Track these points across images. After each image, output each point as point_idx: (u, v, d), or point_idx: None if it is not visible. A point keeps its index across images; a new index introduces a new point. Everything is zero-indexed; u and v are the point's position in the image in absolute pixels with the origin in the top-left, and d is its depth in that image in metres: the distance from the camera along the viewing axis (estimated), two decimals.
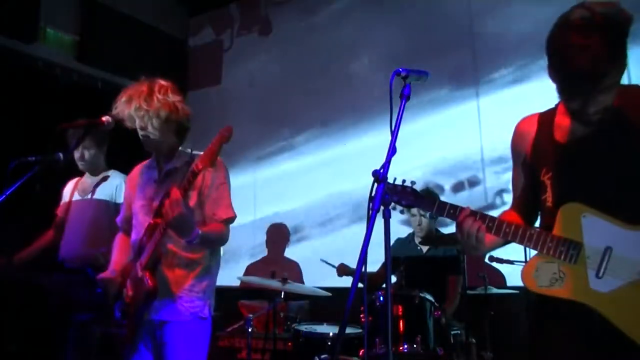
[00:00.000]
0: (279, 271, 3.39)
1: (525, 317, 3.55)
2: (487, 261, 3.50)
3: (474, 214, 1.65)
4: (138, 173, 2.45)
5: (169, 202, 1.95)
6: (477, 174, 4.23)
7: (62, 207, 3.17)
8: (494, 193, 4.17)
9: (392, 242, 1.72)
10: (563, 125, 1.64)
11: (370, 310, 2.84)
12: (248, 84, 5.62)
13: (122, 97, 2.21)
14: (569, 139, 1.63)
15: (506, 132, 1.85)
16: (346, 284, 3.78)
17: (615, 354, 1.48)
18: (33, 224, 3.24)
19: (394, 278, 3.18)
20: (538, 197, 1.68)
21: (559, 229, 1.57)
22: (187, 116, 2.30)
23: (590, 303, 1.49)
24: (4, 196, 2.19)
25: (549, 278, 1.55)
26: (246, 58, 5.71)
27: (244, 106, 5.60)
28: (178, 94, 2.29)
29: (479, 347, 3.26)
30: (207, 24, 6.10)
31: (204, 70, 6.00)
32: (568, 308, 1.53)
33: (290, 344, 3.48)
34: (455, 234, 1.72)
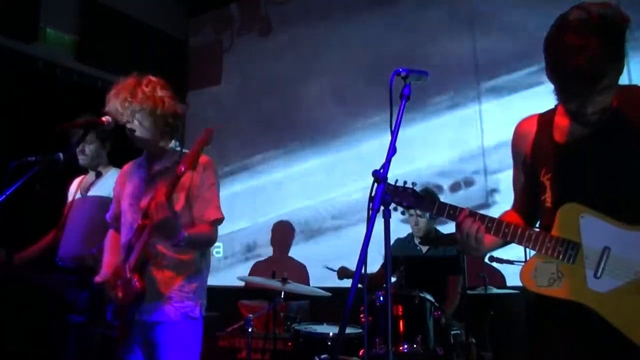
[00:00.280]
0: (281, 272, 3.38)
1: (525, 317, 3.55)
2: (487, 261, 3.50)
3: (473, 214, 1.65)
4: (128, 170, 2.42)
5: (153, 206, 1.94)
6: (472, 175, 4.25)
7: (67, 206, 3.16)
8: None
9: (391, 242, 1.71)
10: (562, 126, 1.65)
11: (370, 310, 2.83)
12: (248, 84, 5.61)
13: (111, 91, 2.22)
14: (568, 140, 1.63)
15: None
16: (346, 284, 3.78)
17: (613, 354, 1.49)
18: (33, 224, 3.23)
19: (393, 278, 3.18)
20: (538, 198, 1.68)
21: (557, 229, 1.57)
22: (174, 112, 2.26)
23: (588, 303, 1.50)
24: (4, 196, 2.19)
25: (547, 278, 1.56)
26: (246, 58, 5.70)
27: (243, 106, 5.59)
28: (168, 90, 2.26)
29: (479, 347, 3.26)
30: (207, 24, 6.10)
31: (204, 70, 6.00)
32: (566, 308, 1.53)
33: (290, 344, 3.48)
34: (454, 234, 1.72)
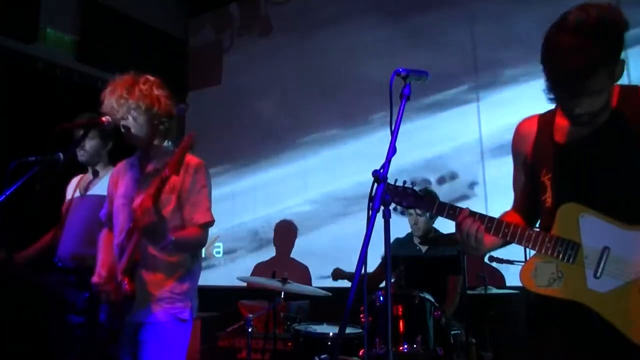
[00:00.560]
0: (281, 272, 3.38)
1: (525, 317, 3.55)
2: (487, 261, 3.50)
3: (473, 214, 1.65)
4: (121, 169, 2.41)
5: (139, 211, 1.94)
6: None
7: (65, 205, 3.14)
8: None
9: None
10: (563, 126, 1.65)
11: (370, 310, 2.83)
12: (248, 84, 5.61)
13: (107, 88, 2.22)
14: (568, 140, 1.63)
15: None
16: (346, 284, 3.78)
17: (613, 354, 1.48)
18: (33, 224, 3.22)
19: (393, 278, 3.18)
20: (538, 198, 1.68)
21: (557, 229, 1.57)
22: (169, 112, 2.26)
23: (588, 303, 1.50)
24: (4, 196, 2.19)
25: (547, 278, 1.56)
26: (246, 58, 5.70)
27: (243, 106, 5.60)
28: (164, 90, 2.26)
29: (479, 347, 3.26)
30: (207, 24, 6.10)
31: (204, 70, 6.00)
32: (566, 308, 1.53)
33: (290, 344, 3.48)
34: (454, 234, 1.72)
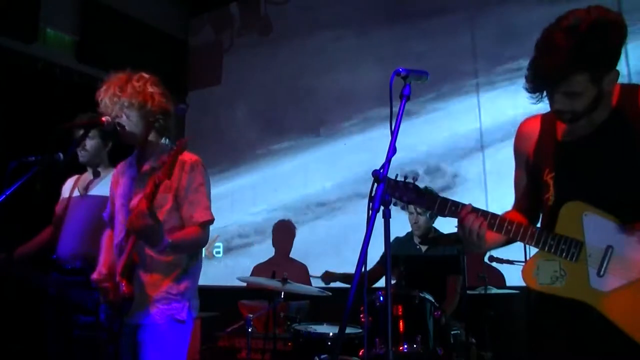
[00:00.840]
0: (280, 272, 3.38)
1: (525, 316, 3.55)
2: (487, 261, 3.49)
3: (476, 210, 1.64)
4: (121, 170, 2.41)
5: (134, 214, 1.93)
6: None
7: (60, 204, 3.13)
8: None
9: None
10: (565, 125, 1.65)
11: (370, 310, 2.83)
12: (248, 84, 5.61)
13: (102, 87, 2.20)
14: (571, 139, 1.63)
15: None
16: (346, 284, 3.78)
17: (615, 353, 1.48)
18: (33, 223, 3.22)
19: (392, 279, 3.18)
20: (540, 198, 1.68)
21: (560, 227, 1.57)
22: (164, 109, 2.24)
23: (591, 301, 1.50)
24: (4, 196, 2.19)
25: (549, 276, 1.55)
26: (246, 58, 5.70)
27: (243, 106, 5.59)
28: (159, 87, 2.25)
29: (479, 347, 3.26)
30: (207, 24, 6.09)
31: (204, 70, 5.99)
32: (568, 306, 1.53)
33: (290, 344, 3.47)
34: (454, 234, 1.72)
